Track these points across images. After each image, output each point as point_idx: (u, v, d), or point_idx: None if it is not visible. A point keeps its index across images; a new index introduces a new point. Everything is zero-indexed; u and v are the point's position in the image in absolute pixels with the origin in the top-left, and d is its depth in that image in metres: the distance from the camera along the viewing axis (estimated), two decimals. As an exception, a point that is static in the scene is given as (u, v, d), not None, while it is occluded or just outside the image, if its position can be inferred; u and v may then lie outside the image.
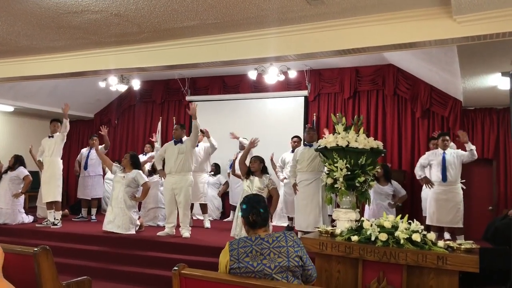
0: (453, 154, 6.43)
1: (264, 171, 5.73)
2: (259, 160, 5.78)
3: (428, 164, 6.57)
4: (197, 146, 7.66)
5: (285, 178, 7.42)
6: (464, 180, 6.53)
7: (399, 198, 6.76)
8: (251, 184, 5.63)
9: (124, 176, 6.71)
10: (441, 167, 6.40)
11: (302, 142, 7.22)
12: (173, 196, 6.46)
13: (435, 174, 6.48)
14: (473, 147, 6.29)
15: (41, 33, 5.19)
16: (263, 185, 5.56)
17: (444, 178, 6.37)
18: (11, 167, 7.70)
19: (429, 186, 6.45)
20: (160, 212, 7.76)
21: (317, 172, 5.92)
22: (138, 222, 6.78)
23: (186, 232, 6.34)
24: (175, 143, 6.63)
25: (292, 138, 7.50)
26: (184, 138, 6.68)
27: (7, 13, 4.56)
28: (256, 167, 5.68)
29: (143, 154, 9.07)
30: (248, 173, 5.76)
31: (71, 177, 9.81)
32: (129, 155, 6.90)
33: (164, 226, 6.81)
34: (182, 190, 6.42)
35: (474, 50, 4.68)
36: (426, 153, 6.81)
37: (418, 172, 6.67)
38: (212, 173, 8.77)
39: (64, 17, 4.63)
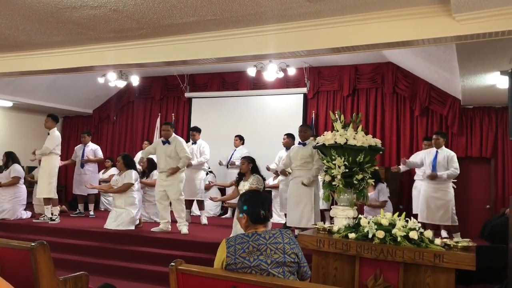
0: (445, 155, 6.44)
1: (253, 171, 5.66)
2: (247, 160, 5.68)
3: (421, 162, 6.62)
4: (195, 143, 7.68)
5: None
6: (455, 180, 6.56)
7: (379, 203, 6.72)
8: (243, 188, 5.57)
9: (117, 179, 6.94)
10: (431, 166, 6.45)
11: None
12: (164, 194, 6.49)
13: (427, 172, 6.52)
14: (445, 175, 6.35)
15: (40, 28, 5.18)
16: (251, 186, 5.51)
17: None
18: (3, 165, 7.69)
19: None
20: (156, 209, 7.77)
21: (309, 170, 5.89)
22: (137, 220, 6.83)
23: (184, 228, 6.35)
24: (163, 143, 6.56)
25: (284, 135, 7.37)
26: (172, 138, 6.57)
27: (6, 7, 4.55)
28: (244, 168, 5.60)
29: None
30: (239, 177, 5.73)
31: (69, 173, 9.79)
32: (122, 157, 7.04)
33: (159, 222, 6.82)
34: (173, 187, 6.43)
35: (473, 49, 4.67)
36: (424, 151, 6.81)
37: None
38: (210, 170, 8.73)
39: (63, 12, 4.62)
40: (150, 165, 7.84)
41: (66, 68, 6.15)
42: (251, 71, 8.51)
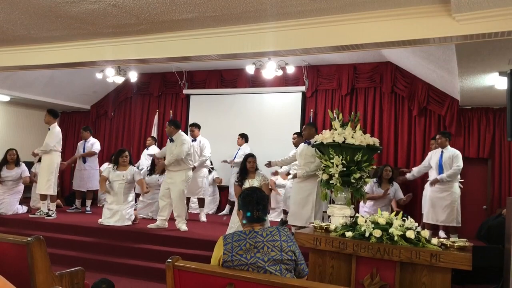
0: (451, 155, 6.49)
1: (256, 168, 5.87)
2: (254, 158, 5.88)
3: (429, 164, 6.73)
4: (195, 140, 7.66)
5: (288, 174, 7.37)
6: (462, 180, 6.66)
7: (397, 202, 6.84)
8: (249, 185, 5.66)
9: (123, 175, 6.77)
10: (438, 166, 6.53)
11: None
12: (168, 191, 6.52)
13: (433, 173, 6.61)
14: (444, 176, 6.44)
15: (39, 22, 5.15)
16: (259, 183, 5.64)
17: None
18: (10, 162, 7.64)
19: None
20: (152, 207, 7.77)
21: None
22: (133, 216, 6.83)
23: (183, 225, 6.38)
24: (170, 140, 6.71)
25: (293, 134, 7.38)
26: (175, 137, 6.62)
27: (4, 1, 4.53)
28: (253, 167, 5.80)
29: (146, 148, 9.07)
30: (243, 176, 5.80)
31: (67, 168, 9.75)
32: (129, 153, 6.98)
33: (156, 219, 6.83)
34: (175, 185, 6.48)
35: (472, 49, 4.67)
36: (430, 152, 6.93)
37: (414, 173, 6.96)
38: (212, 166, 8.69)
39: (61, 7, 4.60)
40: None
41: (64, 63, 6.11)
42: (250, 69, 8.49)
